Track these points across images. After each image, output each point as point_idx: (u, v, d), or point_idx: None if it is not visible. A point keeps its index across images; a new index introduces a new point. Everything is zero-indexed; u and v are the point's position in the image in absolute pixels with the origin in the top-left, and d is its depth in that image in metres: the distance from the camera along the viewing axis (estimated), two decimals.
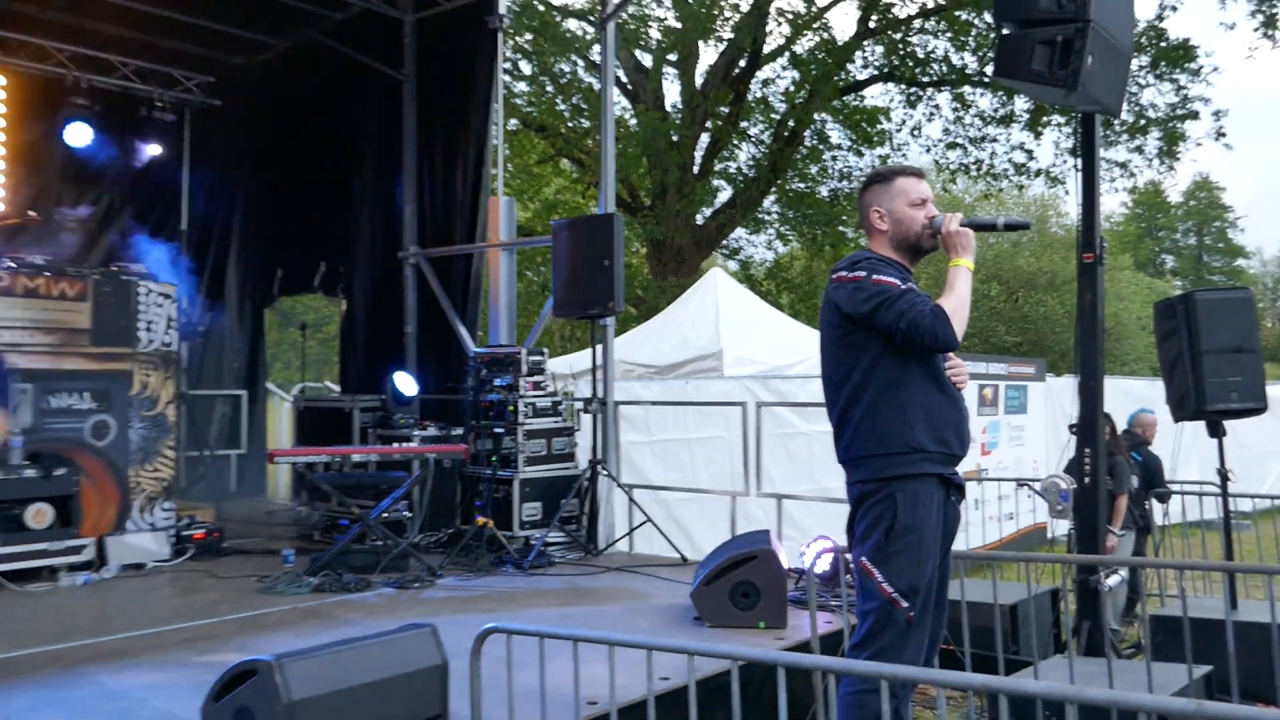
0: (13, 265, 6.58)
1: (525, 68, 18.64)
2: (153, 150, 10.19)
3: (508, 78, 17.81)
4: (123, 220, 10.00)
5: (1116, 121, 16.13)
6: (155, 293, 7.11)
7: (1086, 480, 4.92)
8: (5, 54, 9.17)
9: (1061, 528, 9.73)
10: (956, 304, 3.13)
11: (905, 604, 3.07)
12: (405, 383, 8.19)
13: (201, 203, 10.73)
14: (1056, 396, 13.39)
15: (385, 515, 6.87)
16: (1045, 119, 17.12)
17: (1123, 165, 18.09)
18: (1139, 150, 17.76)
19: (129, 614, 5.53)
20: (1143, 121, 17.22)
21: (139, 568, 6.72)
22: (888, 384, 3.16)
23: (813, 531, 5.99)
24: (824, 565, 5.27)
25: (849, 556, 3.31)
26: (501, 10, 8.63)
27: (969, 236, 3.24)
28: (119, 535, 6.76)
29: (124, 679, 4.32)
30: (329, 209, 9.95)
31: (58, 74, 9.46)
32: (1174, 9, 16.06)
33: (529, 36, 17.73)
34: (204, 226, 10.81)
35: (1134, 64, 13.55)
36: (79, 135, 9.43)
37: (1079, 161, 5.21)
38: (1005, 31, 4.60)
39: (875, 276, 3.15)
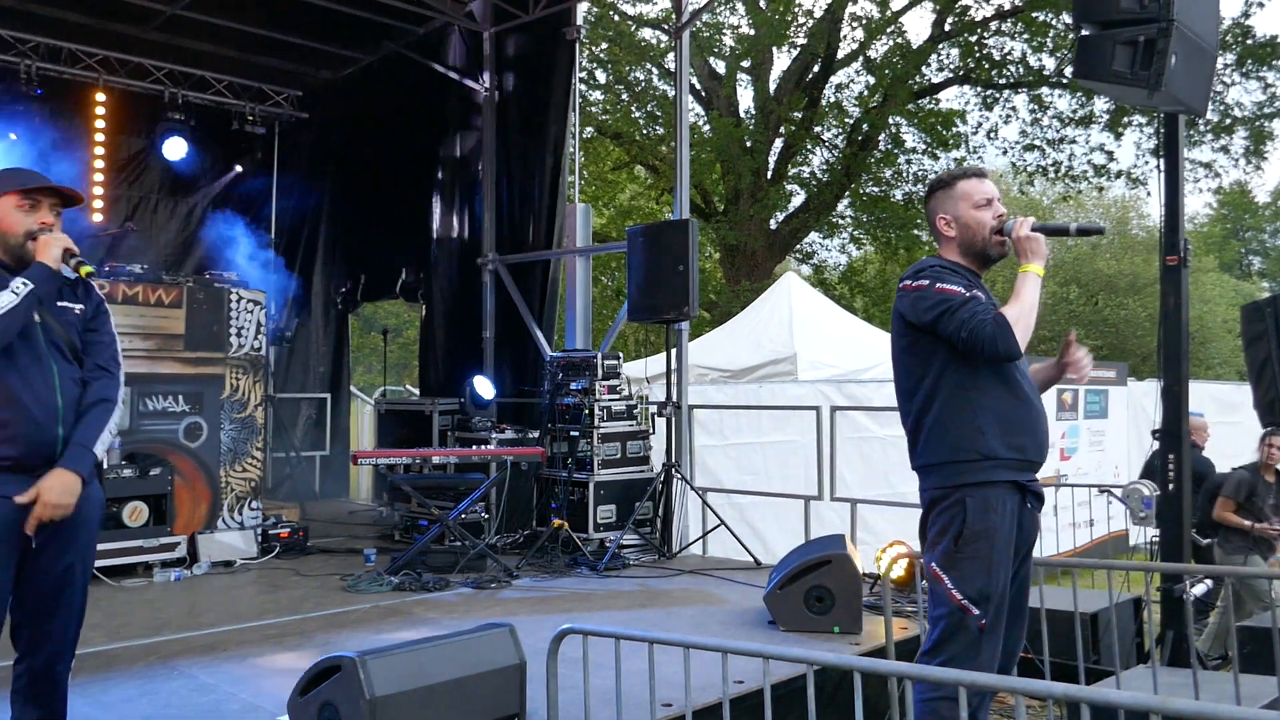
0: (112, 273, 6.85)
1: (600, 76, 18.79)
2: (243, 162, 10.57)
3: (583, 86, 17.99)
4: (214, 230, 10.36)
5: (1201, 121, 15.69)
6: (245, 299, 7.31)
7: (1170, 486, 4.84)
8: (107, 72, 9.59)
9: (1144, 535, 9.52)
10: (1020, 312, 3.05)
11: (976, 611, 3.02)
12: (483, 386, 8.30)
13: (289, 212, 11.05)
14: (1139, 401, 13.09)
15: (463, 516, 7.00)
16: (1126, 119, 16.68)
17: (1207, 165, 17.61)
18: (1224, 150, 17.26)
19: (218, 610, 5.70)
20: (1228, 120, 16.70)
21: (228, 565, 6.91)
22: (957, 391, 3.12)
23: (887, 536, 5.94)
24: (899, 570, 5.24)
25: (923, 561, 3.30)
26: (578, 21, 8.77)
27: (1039, 241, 3.17)
28: (209, 533, 6.96)
29: (214, 672, 4.44)
30: (410, 217, 10.14)
31: (155, 90, 9.85)
32: (1260, 5, 15.54)
33: (604, 46, 17.89)
34: (291, 235, 11.12)
35: (1219, 62, 13.19)
36: (175, 149, 9.84)
37: (1161, 162, 5.12)
38: (1085, 32, 4.51)
39: (938, 285, 3.11)
